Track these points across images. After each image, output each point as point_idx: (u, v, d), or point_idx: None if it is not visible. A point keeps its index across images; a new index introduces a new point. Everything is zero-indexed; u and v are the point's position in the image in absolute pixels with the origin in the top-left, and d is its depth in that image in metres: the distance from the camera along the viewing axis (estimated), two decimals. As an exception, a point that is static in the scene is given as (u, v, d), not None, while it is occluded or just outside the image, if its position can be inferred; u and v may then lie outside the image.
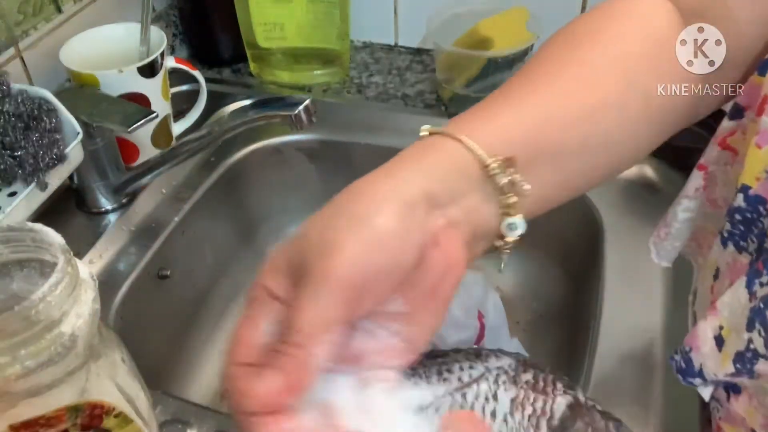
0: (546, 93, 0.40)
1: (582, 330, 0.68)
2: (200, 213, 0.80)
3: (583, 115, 0.40)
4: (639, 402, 0.55)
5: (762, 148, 0.38)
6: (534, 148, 0.38)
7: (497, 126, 0.38)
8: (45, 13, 0.77)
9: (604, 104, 0.40)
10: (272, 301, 0.33)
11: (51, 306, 0.30)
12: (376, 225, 0.33)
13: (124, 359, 0.36)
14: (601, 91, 0.40)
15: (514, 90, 0.41)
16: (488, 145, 0.36)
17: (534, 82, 0.41)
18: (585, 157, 0.40)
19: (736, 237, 0.41)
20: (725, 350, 0.38)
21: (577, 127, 0.39)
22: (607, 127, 0.40)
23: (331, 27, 0.91)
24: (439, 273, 0.34)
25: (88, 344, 0.32)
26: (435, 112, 0.88)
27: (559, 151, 0.39)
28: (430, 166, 0.36)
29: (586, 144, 0.40)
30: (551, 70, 0.42)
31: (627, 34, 0.43)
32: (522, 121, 0.38)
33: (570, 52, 0.43)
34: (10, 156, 0.60)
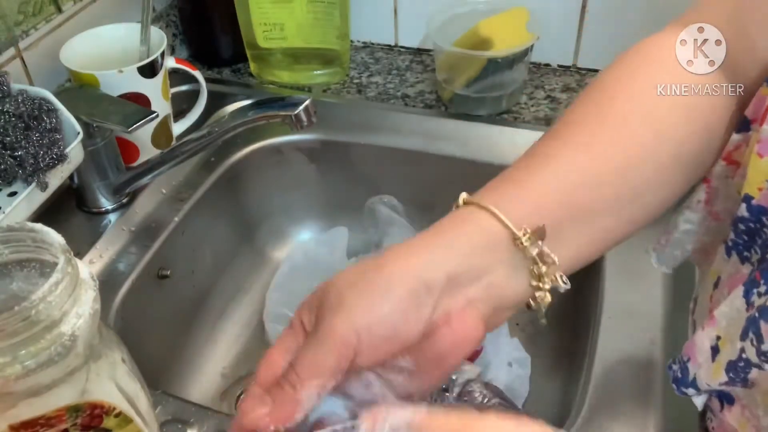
0: (576, 154, 0.41)
1: (582, 330, 0.68)
2: (200, 213, 0.80)
3: (615, 173, 0.40)
4: (639, 402, 0.55)
5: (763, 158, 0.38)
6: (566, 212, 0.39)
7: (528, 192, 0.39)
8: (45, 13, 0.77)
9: (636, 160, 0.41)
10: (302, 330, 0.38)
11: (51, 306, 0.30)
12: (387, 296, 0.36)
13: (124, 359, 0.36)
14: (633, 148, 0.41)
15: (545, 152, 0.42)
16: (519, 213, 0.38)
17: (564, 143, 0.42)
18: (618, 213, 0.41)
19: (740, 246, 0.41)
20: (718, 359, 0.38)
21: (608, 185, 0.40)
22: (640, 181, 0.41)
23: (331, 27, 0.91)
24: (446, 348, 0.37)
25: (88, 344, 0.32)
26: (435, 113, 0.88)
27: (591, 212, 0.40)
28: (459, 244, 0.37)
29: (618, 201, 0.41)
30: (581, 131, 0.42)
31: (656, 86, 0.43)
32: (553, 185, 0.39)
33: (600, 109, 0.43)
34: (11, 156, 0.60)
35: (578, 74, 0.93)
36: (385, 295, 0.36)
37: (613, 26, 0.88)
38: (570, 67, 0.93)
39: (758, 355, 0.35)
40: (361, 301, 0.36)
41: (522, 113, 0.87)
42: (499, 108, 0.86)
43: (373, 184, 0.89)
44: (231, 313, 0.86)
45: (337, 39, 0.92)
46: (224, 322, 0.86)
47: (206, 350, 0.82)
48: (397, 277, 0.36)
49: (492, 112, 0.86)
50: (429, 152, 0.84)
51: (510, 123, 0.85)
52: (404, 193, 0.88)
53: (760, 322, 0.35)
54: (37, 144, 0.61)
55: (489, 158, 0.81)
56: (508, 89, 0.85)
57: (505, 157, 0.81)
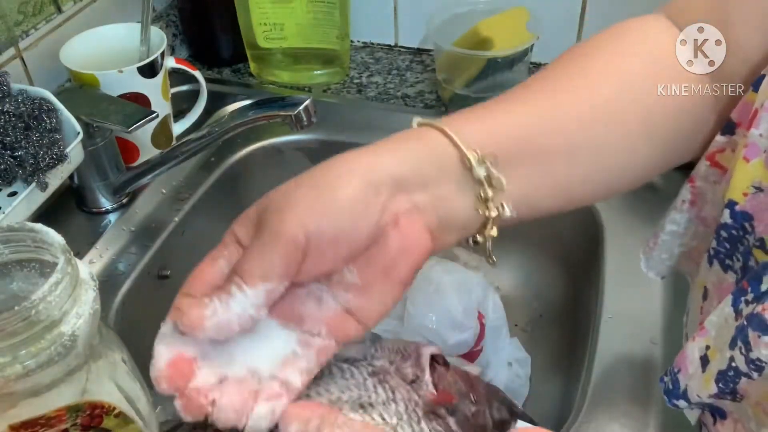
0: (539, 99, 0.41)
1: (582, 330, 0.68)
2: (200, 213, 0.80)
3: (574, 121, 0.40)
4: (639, 402, 0.55)
5: (750, 162, 0.38)
6: (520, 149, 0.39)
7: (486, 125, 0.39)
8: (45, 13, 0.77)
9: (597, 113, 0.41)
10: (236, 245, 0.37)
11: (51, 306, 0.30)
12: (334, 195, 0.35)
13: (124, 359, 0.36)
14: (596, 100, 0.41)
15: (511, 96, 0.42)
16: (473, 140, 0.37)
17: (530, 91, 0.42)
18: (575, 163, 0.41)
19: (721, 255, 0.41)
20: (709, 369, 0.38)
21: (566, 132, 0.40)
22: (599, 135, 0.41)
23: (331, 27, 0.91)
24: (394, 253, 0.36)
25: (88, 344, 0.32)
26: (435, 112, 0.88)
27: (546, 154, 0.39)
28: (407, 151, 0.37)
29: (575, 150, 0.40)
30: (549, 81, 0.43)
31: (627, 50, 0.44)
32: (511, 122, 0.39)
33: (569, 67, 0.43)
34: (11, 156, 0.60)
35: (578, 74, 0.93)
36: (332, 192, 0.35)
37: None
38: (570, 67, 0.93)
39: (747, 363, 0.35)
40: (308, 199, 0.35)
41: (522, 113, 0.86)
42: (499, 108, 0.86)
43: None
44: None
45: (337, 39, 0.92)
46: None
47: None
48: (345, 176, 0.36)
49: (492, 112, 0.86)
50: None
51: (510, 123, 0.85)
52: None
53: (748, 329, 0.34)
54: (37, 144, 0.61)
55: (489, 158, 0.81)
56: (508, 89, 0.85)
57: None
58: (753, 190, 0.38)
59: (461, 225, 0.38)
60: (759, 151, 0.38)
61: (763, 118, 0.37)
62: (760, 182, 0.38)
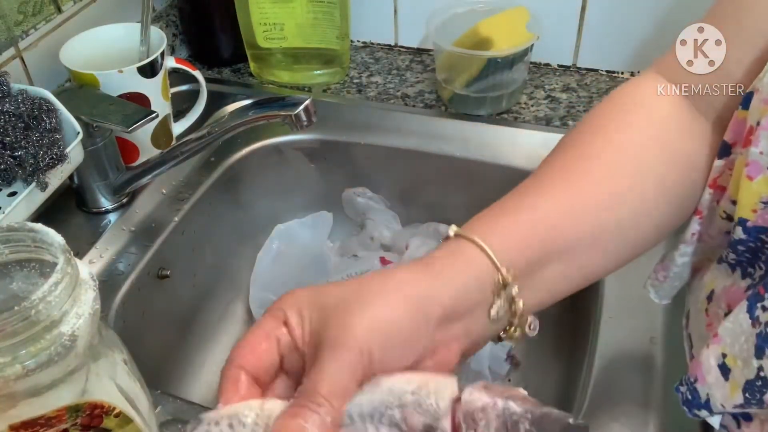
0: (558, 191, 0.42)
1: (582, 330, 0.68)
2: (200, 213, 0.80)
3: (595, 207, 0.41)
4: (639, 402, 0.55)
5: (754, 180, 0.38)
6: (547, 250, 0.40)
7: (515, 232, 0.40)
8: (45, 13, 0.77)
9: (616, 194, 0.42)
10: (284, 328, 0.36)
11: (51, 306, 0.30)
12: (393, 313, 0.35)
13: (125, 360, 0.36)
14: (613, 182, 0.42)
15: (528, 190, 0.43)
16: (504, 250, 0.38)
17: (545, 182, 0.43)
18: (600, 246, 0.42)
19: (744, 263, 0.41)
20: (733, 379, 0.37)
21: (589, 220, 0.41)
22: (621, 215, 0.42)
23: (331, 27, 0.91)
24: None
25: (88, 344, 0.32)
26: (435, 113, 0.88)
27: (570, 246, 0.41)
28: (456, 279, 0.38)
29: (600, 234, 0.41)
30: (561, 170, 0.43)
31: (633, 123, 0.44)
32: (537, 223, 0.40)
33: (579, 150, 0.44)
34: (10, 156, 0.60)
35: (578, 74, 0.93)
36: (392, 312, 0.35)
37: (612, 26, 0.88)
38: (570, 66, 0.93)
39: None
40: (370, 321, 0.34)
41: (522, 113, 0.87)
42: (499, 108, 0.86)
43: (373, 184, 0.89)
44: (231, 313, 0.86)
45: (337, 39, 0.92)
46: (224, 322, 0.86)
47: (206, 350, 0.83)
48: (402, 303, 0.36)
49: (492, 111, 0.86)
50: (429, 152, 0.84)
51: (510, 123, 0.85)
52: (404, 193, 0.88)
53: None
54: (36, 144, 0.61)
55: (489, 158, 0.81)
56: (508, 89, 0.85)
57: (505, 157, 0.81)
58: (762, 206, 0.38)
59: (489, 338, 0.40)
60: (762, 168, 0.38)
61: (762, 135, 0.37)
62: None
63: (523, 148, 0.81)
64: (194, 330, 0.82)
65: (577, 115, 0.85)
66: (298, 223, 0.92)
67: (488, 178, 0.80)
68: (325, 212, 0.92)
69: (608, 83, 0.91)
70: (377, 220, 0.88)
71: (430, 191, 0.87)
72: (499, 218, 0.41)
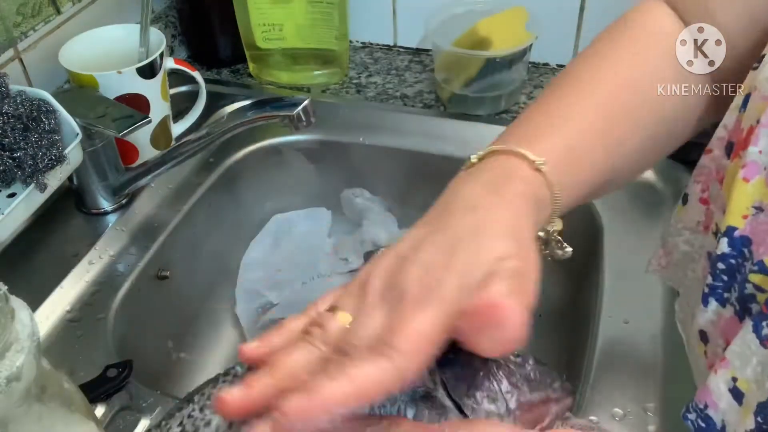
0: (577, 103, 0.44)
1: (582, 330, 0.68)
2: (200, 213, 0.80)
3: (606, 118, 0.43)
4: (639, 402, 0.55)
5: (750, 182, 0.37)
6: (575, 157, 0.41)
7: (550, 142, 0.41)
8: (44, 14, 0.77)
9: (619, 109, 0.44)
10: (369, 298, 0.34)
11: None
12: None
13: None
14: (618, 97, 0.44)
15: (552, 102, 0.45)
16: (545, 158, 0.39)
17: (566, 96, 0.45)
18: (609, 157, 0.43)
19: (718, 290, 0.40)
20: (747, 403, 0.36)
21: (604, 130, 0.43)
22: (623, 129, 0.44)
23: (330, 28, 0.91)
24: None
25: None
26: (434, 113, 0.88)
27: (590, 154, 0.42)
28: (531, 206, 0.38)
29: (609, 145, 0.43)
30: (577, 84, 0.45)
31: (640, 51, 0.46)
32: (566, 132, 0.42)
33: (591, 66, 0.46)
34: (9, 157, 0.60)
35: (577, 74, 0.93)
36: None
37: (611, 26, 0.88)
38: (569, 66, 0.93)
39: None
40: (462, 262, 0.33)
41: (521, 113, 0.86)
42: (498, 108, 0.86)
43: (372, 184, 0.89)
44: (230, 313, 0.86)
45: (335, 39, 0.92)
46: (224, 322, 0.86)
47: (206, 351, 0.82)
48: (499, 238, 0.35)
49: (491, 111, 0.86)
50: (428, 152, 0.84)
51: (509, 123, 0.85)
52: (403, 193, 0.88)
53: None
54: (35, 145, 0.61)
55: (488, 158, 0.81)
56: (507, 89, 0.85)
57: (504, 157, 0.81)
58: (753, 211, 0.37)
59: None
60: (759, 168, 0.37)
61: (762, 134, 0.36)
62: (760, 202, 0.36)
63: (522, 148, 0.81)
64: (194, 331, 0.82)
65: (577, 115, 0.85)
66: (295, 214, 0.93)
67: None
68: (323, 208, 0.92)
69: (607, 83, 0.91)
70: (374, 222, 0.88)
71: (429, 191, 0.86)
72: (534, 132, 0.43)
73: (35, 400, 0.32)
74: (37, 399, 0.33)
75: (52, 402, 0.33)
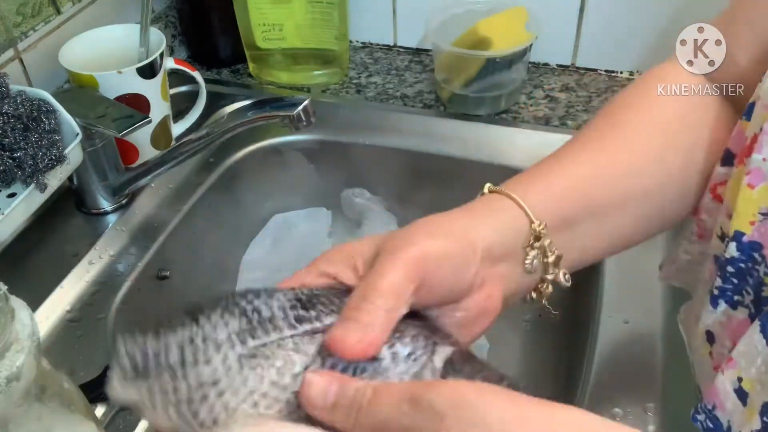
0: (593, 153, 0.44)
1: (582, 330, 0.68)
2: (200, 213, 0.80)
3: (625, 171, 0.43)
4: (639, 402, 0.55)
5: (755, 188, 0.38)
6: (579, 209, 0.42)
7: (549, 190, 0.42)
8: (44, 14, 0.77)
9: (644, 162, 0.43)
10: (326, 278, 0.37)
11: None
12: (446, 244, 0.36)
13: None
14: (641, 151, 0.44)
15: (564, 154, 0.45)
16: (539, 206, 0.40)
17: (580, 147, 0.45)
18: (629, 211, 0.43)
19: (728, 292, 0.41)
20: (751, 404, 0.36)
21: (620, 183, 0.43)
22: (649, 182, 0.43)
23: (330, 28, 0.91)
24: (475, 312, 0.38)
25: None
26: (434, 113, 0.88)
27: (601, 207, 0.42)
28: (495, 222, 0.39)
29: (628, 198, 0.43)
30: (595, 137, 0.45)
31: (659, 99, 0.46)
32: (569, 182, 0.42)
33: (612, 120, 0.46)
34: (9, 157, 0.60)
35: (577, 74, 0.93)
36: (446, 242, 0.36)
37: (611, 25, 0.88)
38: (569, 66, 0.94)
39: None
40: (424, 238, 0.35)
41: (521, 113, 0.87)
42: (498, 108, 0.86)
43: (372, 184, 0.89)
44: (231, 313, 0.86)
45: (335, 39, 0.92)
46: (224, 322, 0.86)
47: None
48: (452, 232, 0.37)
49: (491, 111, 0.86)
50: (428, 152, 0.84)
51: (509, 123, 0.85)
52: (403, 193, 0.88)
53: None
54: (35, 145, 0.61)
55: (488, 158, 0.81)
56: (507, 89, 0.85)
57: (504, 157, 0.81)
58: (760, 217, 0.37)
59: (525, 290, 0.42)
60: (764, 176, 0.37)
61: (765, 141, 0.37)
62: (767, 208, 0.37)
63: (522, 148, 0.81)
64: (194, 331, 0.82)
65: (576, 115, 0.85)
66: (295, 214, 0.93)
67: (487, 178, 0.79)
68: (323, 208, 0.92)
69: (607, 83, 0.91)
70: (374, 222, 0.88)
71: (429, 191, 0.87)
72: (535, 179, 0.42)
73: (35, 400, 0.32)
74: (37, 399, 0.32)
75: (52, 402, 0.33)
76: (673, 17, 0.84)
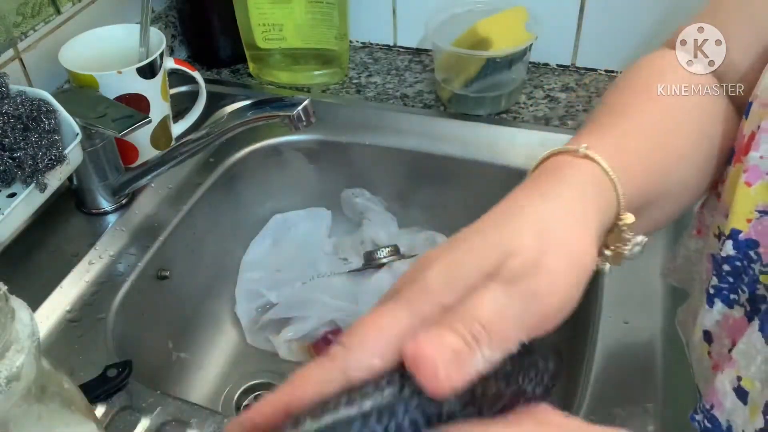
0: (637, 114, 0.41)
1: (582, 330, 0.68)
2: (200, 213, 0.80)
3: (666, 133, 0.41)
4: (639, 402, 0.55)
5: (752, 186, 0.37)
6: (641, 168, 0.39)
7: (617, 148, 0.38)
8: (44, 14, 0.77)
9: (674, 128, 0.42)
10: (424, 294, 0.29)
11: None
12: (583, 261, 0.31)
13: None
14: (669, 117, 0.42)
15: (614, 111, 0.42)
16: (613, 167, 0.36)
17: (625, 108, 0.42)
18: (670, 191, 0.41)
19: (724, 291, 0.40)
20: (752, 402, 0.36)
21: (663, 145, 0.41)
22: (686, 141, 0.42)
23: (330, 27, 0.91)
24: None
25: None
26: (434, 113, 0.88)
27: (655, 166, 0.40)
28: (599, 206, 0.34)
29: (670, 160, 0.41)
30: (629, 102, 0.43)
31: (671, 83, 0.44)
32: (630, 139, 0.39)
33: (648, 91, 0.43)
34: (9, 157, 0.60)
35: (577, 74, 0.93)
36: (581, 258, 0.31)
37: (611, 25, 0.88)
38: (569, 66, 0.94)
39: None
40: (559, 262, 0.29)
41: (521, 113, 0.87)
42: (498, 108, 0.86)
43: (372, 184, 0.89)
44: (230, 314, 0.86)
45: (335, 39, 0.92)
46: (224, 323, 0.86)
47: (206, 351, 0.82)
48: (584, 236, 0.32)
49: (491, 111, 0.86)
50: (428, 152, 0.84)
51: (509, 123, 0.85)
52: (403, 193, 0.88)
53: None
54: (35, 145, 0.61)
55: (488, 158, 0.81)
56: (507, 89, 0.85)
57: (504, 157, 0.81)
58: (757, 215, 0.37)
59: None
60: (761, 173, 0.37)
61: (762, 139, 0.37)
62: (765, 205, 0.37)
63: (522, 148, 0.81)
64: (194, 331, 0.82)
65: (576, 115, 0.85)
66: (295, 214, 0.93)
67: (487, 178, 0.80)
68: (323, 208, 0.92)
69: (607, 83, 0.91)
70: (374, 222, 0.88)
71: (429, 191, 0.87)
72: (604, 138, 0.38)
73: (35, 400, 0.32)
74: (37, 399, 0.32)
75: (52, 402, 0.33)
76: (673, 17, 0.84)
